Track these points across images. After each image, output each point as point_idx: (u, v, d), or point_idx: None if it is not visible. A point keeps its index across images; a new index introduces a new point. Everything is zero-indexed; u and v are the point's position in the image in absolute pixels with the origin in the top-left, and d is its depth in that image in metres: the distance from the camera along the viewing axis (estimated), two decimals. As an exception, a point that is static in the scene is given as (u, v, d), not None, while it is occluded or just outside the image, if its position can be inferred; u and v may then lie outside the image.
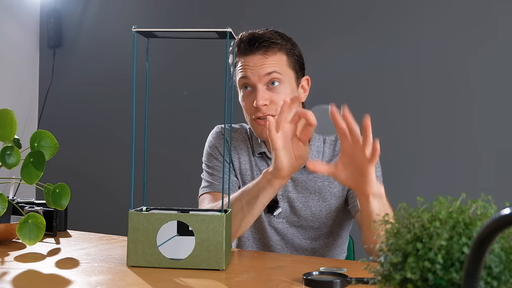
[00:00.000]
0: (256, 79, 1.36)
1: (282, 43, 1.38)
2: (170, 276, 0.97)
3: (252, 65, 1.36)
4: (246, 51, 1.36)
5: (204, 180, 1.49)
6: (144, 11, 2.89)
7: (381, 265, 0.62)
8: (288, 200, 1.44)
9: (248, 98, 1.39)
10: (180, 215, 1.03)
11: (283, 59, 1.38)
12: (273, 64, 1.36)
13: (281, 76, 1.36)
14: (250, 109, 1.38)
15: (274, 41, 1.36)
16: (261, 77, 1.35)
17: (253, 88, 1.37)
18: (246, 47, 1.36)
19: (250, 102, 1.38)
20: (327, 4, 2.43)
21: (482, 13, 2.15)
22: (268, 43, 1.36)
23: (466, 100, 2.17)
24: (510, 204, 0.52)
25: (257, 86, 1.36)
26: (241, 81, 1.39)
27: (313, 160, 1.17)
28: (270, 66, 1.35)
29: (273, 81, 1.36)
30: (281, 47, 1.38)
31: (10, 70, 2.95)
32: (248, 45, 1.36)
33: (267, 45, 1.36)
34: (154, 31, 1.07)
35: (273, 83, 1.36)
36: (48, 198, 1.21)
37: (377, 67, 2.32)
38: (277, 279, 0.98)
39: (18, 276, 0.98)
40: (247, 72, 1.36)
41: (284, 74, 1.37)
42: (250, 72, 1.36)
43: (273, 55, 1.36)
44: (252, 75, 1.36)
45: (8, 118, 1.18)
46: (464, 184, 2.12)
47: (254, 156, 1.48)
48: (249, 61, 1.36)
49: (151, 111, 1.29)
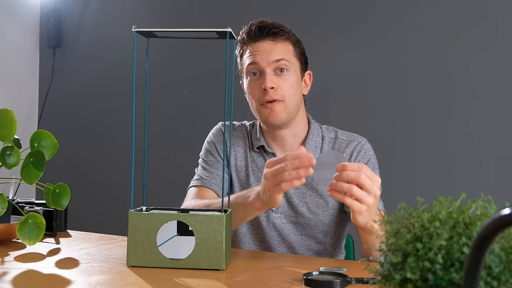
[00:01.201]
0: (265, 64, 1.39)
1: (290, 33, 1.44)
2: (170, 276, 0.97)
3: (262, 50, 1.40)
4: (256, 36, 1.41)
5: (197, 173, 1.51)
6: (144, 11, 2.89)
7: (381, 265, 0.62)
8: (286, 195, 1.44)
9: (255, 84, 1.41)
10: (180, 215, 1.03)
11: (290, 48, 1.42)
12: (282, 51, 1.40)
13: (289, 64, 1.41)
14: (257, 94, 1.41)
15: (283, 29, 1.42)
16: (270, 63, 1.39)
17: (261, 74, 1.40)
18: (256, 33, 1.41)
19: (258, 87, 1.40)
20: (328, 3, 2.43)
21: (482, 13, 2.14)
22: (278, 30, 1.41)
23: (466, 100, 2.17)
24: (510, 204, 0.52)
25: (266, 70, 1.39)
26: (250, 67, 1.42)
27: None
28: (279, 53, 1.39)
29: (281, 67, 1.40)
30: (289, 36, 1.43)
31: (10, 70, 2.95)
32: (259, 31, 1.40)
33: (277, 31, 1.40)
34: (154, 31, 1.07)
35: (281, 70, 1.40)
36: (48, 198, 1.21)
37: (377, 67, 2.32)
38: (277, 279, 0.98)
39: (18, 276, 0.98)
40: (256, 58, 1.40)
41: (291, 63, 1.41)
42: (260, 58, 1.39)
43: (282, 42, 1.41)
44: (261, 60, 1.39)
45: (8, 118, 1.18)
46: (464, 184, 2.11)
47: (251, 151, 1.49)
48: (259, 47, 1.40)
49: (151, 111, 1.29)
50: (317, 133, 1.48)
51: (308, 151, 1.42)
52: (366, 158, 1.44)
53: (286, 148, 1.47)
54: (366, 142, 1.47)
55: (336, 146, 1.46)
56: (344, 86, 2.37)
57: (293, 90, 1.41)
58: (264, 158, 1.48)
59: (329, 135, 1.49)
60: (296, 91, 1.42)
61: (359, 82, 2.35)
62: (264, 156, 1.48)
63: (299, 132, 1.47)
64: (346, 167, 1.07)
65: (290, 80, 1.40)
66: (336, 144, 1.46)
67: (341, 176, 1.06)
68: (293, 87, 1.41)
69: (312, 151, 1.45)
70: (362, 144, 1.46)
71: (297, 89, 1.42)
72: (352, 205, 1.07)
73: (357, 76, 2.35)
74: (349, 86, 2.36)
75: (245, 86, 1.47)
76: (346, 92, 2.36)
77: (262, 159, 1.48)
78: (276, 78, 1.39)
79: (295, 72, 1.42)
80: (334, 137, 1.48)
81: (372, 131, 2.05)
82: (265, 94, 1.39)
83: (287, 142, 1.47)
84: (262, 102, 1.40)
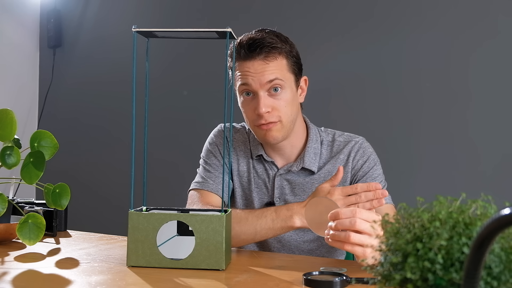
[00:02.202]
0: (258, 86, 1.32)
1: (282, 46, 1.34)
2: (170, 276, 0.98)
3: (253, 71, 1.32)
4: (246, 56, 1.32)
5: (198, 175, 1.48)
6: (144, 11, 2.89)
7: (381, 265, 0.62)
8: (285, 202, 1.43)
9: (249, 105, 1.36)
10: (180, 215, 1.03)
11: (283, 64, 1.35)
12: (274, 70, 1.32)
13: (283, 82, 1.34)
14: (252, 116, 1.36)
15: (274, 46, 1.33)
16: (263, 85, 1.32)
17: (254, 95, 1.34)
18: (246, 52, 1.32)
19: (252, 109, 1.35)
20: (327, 3, 2.43)
21: (483, 13, 2.14)
22: (269, 48, 1.32)
23: (465, 100, 2.17)
24: (510, 204, 0.52)
25: (259, 93, 1.33)
26: (242, 87, 1.36)
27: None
28: (272, 73, 1.32)
29: (275, 87, 1.33)
30: (281, 50, 1.34)
31: (10, 70, 2.95)
32: (248, 50, 1.32)
33: (268, 50, 1.32)
34: (154, 31, 1.07)
35: (275, 89, 1.33)
36: (48, 198, 1.21)
37: (377, 67, 2.32)
38: (277, 279, 0.98)
39: (18, 276, 0.98)
40: (248, 79, 1.33)
41: (285, 80, 1.34)
42: (252, 79, 1.32)
43: (273, 60, 1.33)
44: (253, 82, 1.32)
45: (8, 118, 1.18)
46: (464, 184, 2.12)
47: (252, 158, 1.48)
48: (250, 67, 1.32)
49: (151, 111, 1.29)
50: (316, 139, 1.45)
51: (308, 159, 1.43)
52: (366, 156, 1.43)
53: (285, 156, 1.45)
54: (364, 141, 1.46)
55: (334, 150, 1.45)
56: (343, 87, 2.37)
57: (289, 107, 1.35)
58: (263, 165, 1.47)
59: (327, 138, 1.47)
60: (292, 106, 1.37)
61: (358, 83, 2.35)
62: (264, 164, 1.47)
63: (297, 140, 1.45)
64: (339, 215, 1.02)
65: (285, 98, 1.34)
66: (334, 148, 1.45)
67: (336, 226, 1.01)
68: (289, 104, 1.35)
69: (312, 157, 1.43)
70: (359, 144, 1.44)
71: (293, 103, 1.37)
72: (354, 251, 1.01)
73: (356, 76, 2.35)
74: (348, 86, 2.36)
75: (238, 102, 1.42)
76: (345, 92, 2.36)
77: (262, 167, 1.47)
78: (270, 100, 1.33)
79: (290, 88, 1.36)
80: (332, 140, 1.46)
81: (371, 131, 2.05)
82: (260, 117, 1.34)
83: (285, 151, 1.45)
84: (257, 124, 1.36)
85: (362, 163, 1.42)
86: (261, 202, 1.45)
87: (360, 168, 1.41)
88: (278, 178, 1.44)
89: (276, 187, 1.43)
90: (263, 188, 1.46)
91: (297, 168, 1.43)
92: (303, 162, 1.42)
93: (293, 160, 1.45)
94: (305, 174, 1.43)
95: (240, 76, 1.35)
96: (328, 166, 1.43)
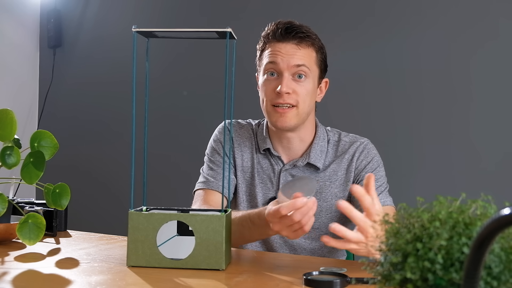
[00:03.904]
0: (285, 67, 1.37)
1: (316, 39, 1.41)
2: (170, 276, 0.98)
3: (284, 52, 1.37)
4: (281, 37, 1.37)
5: (202, 174, 1.49)
6: (144, 11, 2.89)
7: (381, 265, 0.62)
8: None
9: (271, 84, 1.39)
10: (180, 215, 1.03)
11: (313, 55, 1.40)
12: (304, 57, 1.37)
13: (308, 71, 1.38)
14: (271, 94, 1.39)
15: (309, 35, 1.39)
16: (290, 67, 1.37)
17: (279, 75, 1.38)
18: (282, 33, 1.37)
19: (273, 87, 1.38)
20: (327, 3, 2.43)
21: (484, 14, 2.14)
22: (304, 35, 1.38)
23: (466, 100, 2.17)
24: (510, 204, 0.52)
25: (284, 73, 1.37)
26: (268, 66, 1.39)
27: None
28: (301, 59, 1.37)
29: (300, 73, 1.38)
30: (314, 42, 1.40)
31: (10, 70, 2.95)
32: (285, 32, 1.37)
33: (303, 36, 1.37)
34: (154, 31, 1.07)
35: (300, 76, 1.38)
36: (48, 198, 1.21)
37: (378, 67, 2.32)
38: (277, 279, 0.98)
39: (18, 276, 0.98)
40: (277, 58, 1.37)
41: (311, 70, 1.39)
42: (280, 59, 1.37)
43: (306, 48, 1.38)
44: (281, 61, 1.37)
45: (8, 118, 1.18)
46: (464, 184, 2.12)
47: (257, 153, 1.48)
48: (282, 48, 1.37)
49: (151, 111, 1.29)
50: (323, 137, 1.47)
51: (314, 155, 1.44)
52: (370, 157, 1.44)
53: (291, 151, 1.46)
54: (368, 142, 1.48)
55: (340, 149, 1.46)
56: (344, 86, 2.36)
57: (308, 97, 1.39)
58: (269, 160, 1.47)
59: (333, 137, 1.49)
60: (311, 98, 1.41)
61: (358, 82, 2.35)
62: (270, 158, 1.47)
63: (306, 136, 1.46)
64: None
65: (307, 87, 1.38)
66: (339, 147, 1.46)
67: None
68: (309, 94, 1.39)
69: (318, 155, 1.44)
70: (364, 145, 1.46)
71: (312, 96, 1.41)
72: (350, 249, 1.03)
73: (356, 76, 2.35)
74: (350, 85, 2.36)
75: (260, 82, 1.45)
76: (346, 91, 2.36)
77: (268, 162, 1.47)
78: (293, 83, 1.37)
79: (312, 80, 1.40)
80: (338, 140, 1.48)
81: (372, 131, 2.05)
82: (278, 97, 1.37)
83: (293, 145, 1.46)
84: (274, 103, 1.38)
85: (366, 163, 1.43)
86: (265, 197, 1.46)
87: (363, 169, 1.43)
88: (284, 173, 1.45)
89: (281, 182, 1.44)
90: (268, 183, 1.46)
91: (302, 163, 1.44)
92: (309, 157, 1.43)
93: (299, 156, 1.46)
94: (310, 170, 1.44)
95: (269, 54, 1.39)
96: (334, 165, 1.45)
